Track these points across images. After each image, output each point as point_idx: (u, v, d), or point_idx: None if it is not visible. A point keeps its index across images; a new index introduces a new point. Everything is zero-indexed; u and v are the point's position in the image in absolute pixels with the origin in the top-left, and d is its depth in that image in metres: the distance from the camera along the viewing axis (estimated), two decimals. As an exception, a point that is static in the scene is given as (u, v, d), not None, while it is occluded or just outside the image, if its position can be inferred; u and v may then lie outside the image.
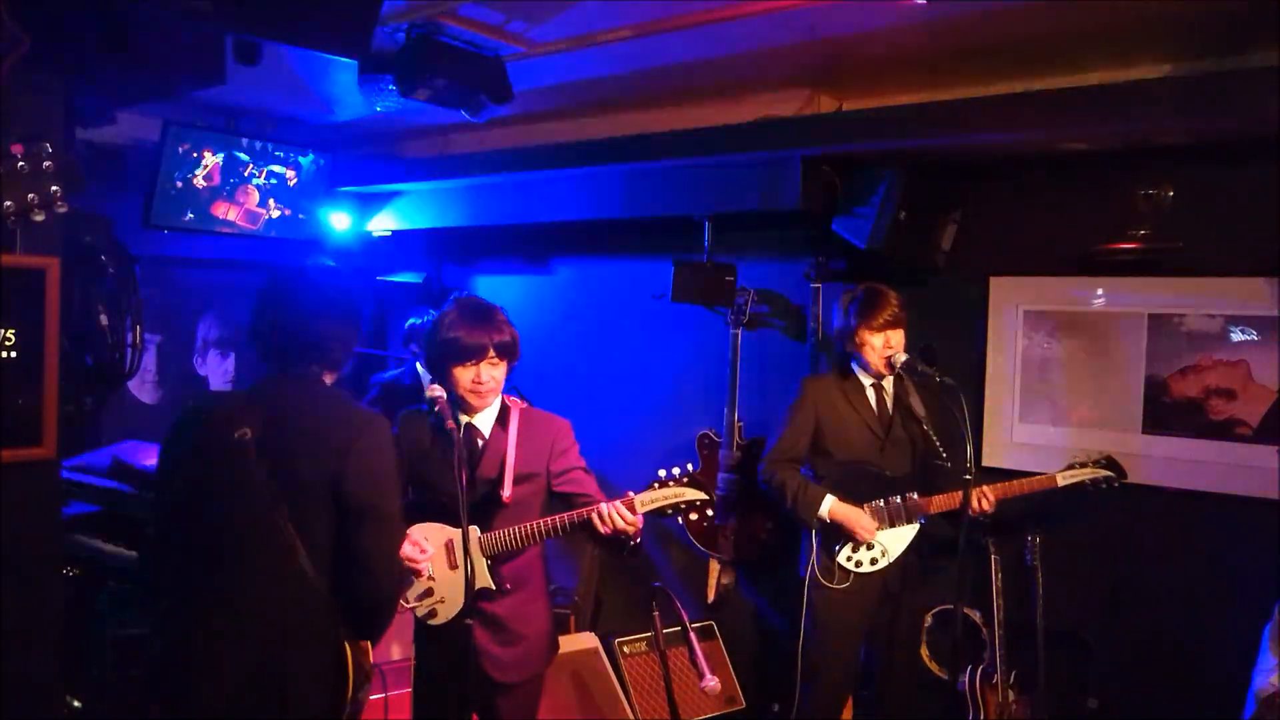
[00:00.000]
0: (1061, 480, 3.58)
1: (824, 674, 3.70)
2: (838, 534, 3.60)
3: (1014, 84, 3.73)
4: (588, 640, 4.30)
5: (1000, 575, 3.83)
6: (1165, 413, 3.75)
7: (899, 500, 3.58)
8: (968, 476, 3.39)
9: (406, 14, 3.30)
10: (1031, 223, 4.01)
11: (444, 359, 2.81)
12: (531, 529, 2.80)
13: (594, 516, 2.74)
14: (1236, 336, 3.61)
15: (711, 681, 3.38)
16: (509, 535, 2.81)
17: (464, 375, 2.80)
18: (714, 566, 4.48)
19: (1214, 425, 3.64)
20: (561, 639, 4.24)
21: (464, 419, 2.87)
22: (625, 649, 4.28)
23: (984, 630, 3.90)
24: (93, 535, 3.86)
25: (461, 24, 3.39)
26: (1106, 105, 3.30)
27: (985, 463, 4.04)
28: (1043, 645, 3.78)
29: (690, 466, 2.89)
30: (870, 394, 3.69)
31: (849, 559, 3.60)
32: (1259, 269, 3.53)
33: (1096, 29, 3.19)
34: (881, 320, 3.57)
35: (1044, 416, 4.02)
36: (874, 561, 3.60)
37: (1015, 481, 3.59)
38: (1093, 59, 3.52)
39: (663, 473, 2.87)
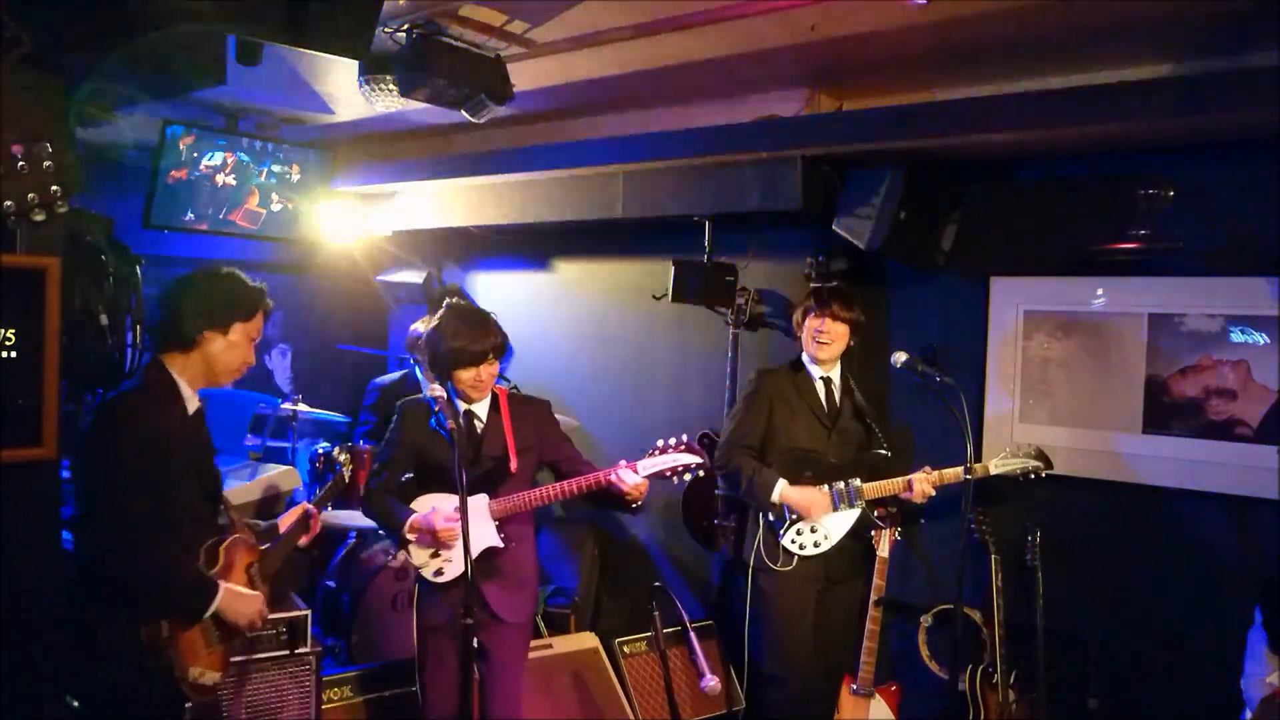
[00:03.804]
0: (994, 468, 3.73)
1: (792, 668, 3.75)
2: (783, 516, 3.73)
3: (1014, 84, 3.73)
4: (588, 640, 4.30)
5: (1000, 575, 3.84)
6: (1165, 413, 3.75)
7: (843, 485, 3.72)
8: (968, 477, 3.53)
9: (406, 14, 3.30)
10: (1031, 223, 4.01)
11: (449, 365, 3.25)
12: (542, 494, 3.23)
13: (612, 480, 3.13)
14: (1236, 336, 3.61)
15: (711, 681, 3.39)
16: (521, 500, 3.22)
17: (466, 375, 3.25)
18: None
19: (1214, 425, 3.64)
20: (561, 639, 4.27)
21: (463, 406, 3.32)
22: (625, 649, 4.28)
23: (984, 630, 3.90)
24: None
25: (462, 24, 3.39)
26: (1106, 105, 3.30)
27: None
28: (1043, 645, 3.78)
29: (685, 436, 3.22)
30: (819, 386, 3.85)
31: (793, 541, 3.74)
32: (1259, 269, 3.53)
33: (1096, 28, 3.19)
34: (820, 308, 3.77)
35: (1044, 416, 4.02)
36: (816, 545, 3.74)
37: (949, 470, 3.69)
38: (1093, 59, 3.52)
39: (660, 441, 3.23)
